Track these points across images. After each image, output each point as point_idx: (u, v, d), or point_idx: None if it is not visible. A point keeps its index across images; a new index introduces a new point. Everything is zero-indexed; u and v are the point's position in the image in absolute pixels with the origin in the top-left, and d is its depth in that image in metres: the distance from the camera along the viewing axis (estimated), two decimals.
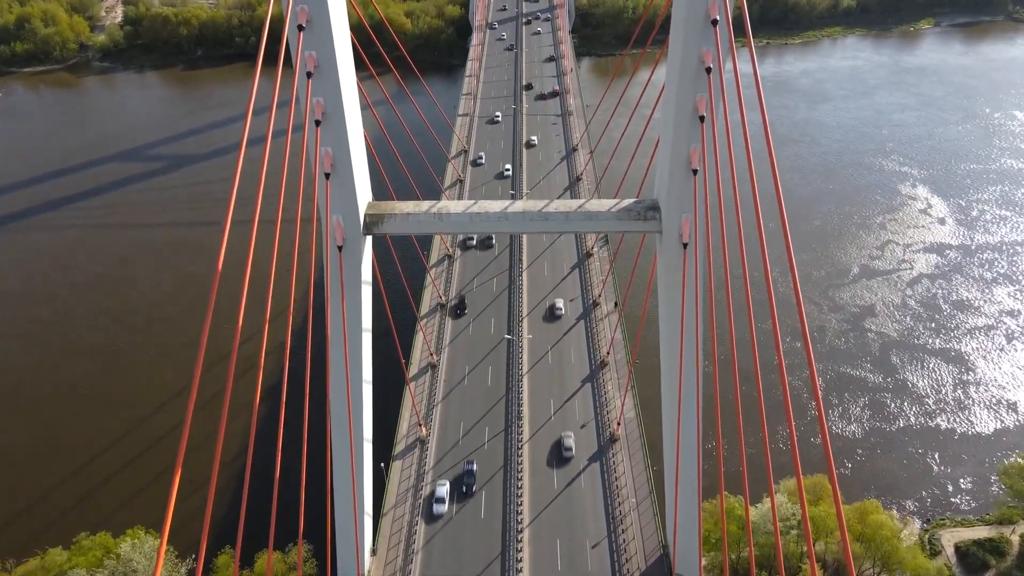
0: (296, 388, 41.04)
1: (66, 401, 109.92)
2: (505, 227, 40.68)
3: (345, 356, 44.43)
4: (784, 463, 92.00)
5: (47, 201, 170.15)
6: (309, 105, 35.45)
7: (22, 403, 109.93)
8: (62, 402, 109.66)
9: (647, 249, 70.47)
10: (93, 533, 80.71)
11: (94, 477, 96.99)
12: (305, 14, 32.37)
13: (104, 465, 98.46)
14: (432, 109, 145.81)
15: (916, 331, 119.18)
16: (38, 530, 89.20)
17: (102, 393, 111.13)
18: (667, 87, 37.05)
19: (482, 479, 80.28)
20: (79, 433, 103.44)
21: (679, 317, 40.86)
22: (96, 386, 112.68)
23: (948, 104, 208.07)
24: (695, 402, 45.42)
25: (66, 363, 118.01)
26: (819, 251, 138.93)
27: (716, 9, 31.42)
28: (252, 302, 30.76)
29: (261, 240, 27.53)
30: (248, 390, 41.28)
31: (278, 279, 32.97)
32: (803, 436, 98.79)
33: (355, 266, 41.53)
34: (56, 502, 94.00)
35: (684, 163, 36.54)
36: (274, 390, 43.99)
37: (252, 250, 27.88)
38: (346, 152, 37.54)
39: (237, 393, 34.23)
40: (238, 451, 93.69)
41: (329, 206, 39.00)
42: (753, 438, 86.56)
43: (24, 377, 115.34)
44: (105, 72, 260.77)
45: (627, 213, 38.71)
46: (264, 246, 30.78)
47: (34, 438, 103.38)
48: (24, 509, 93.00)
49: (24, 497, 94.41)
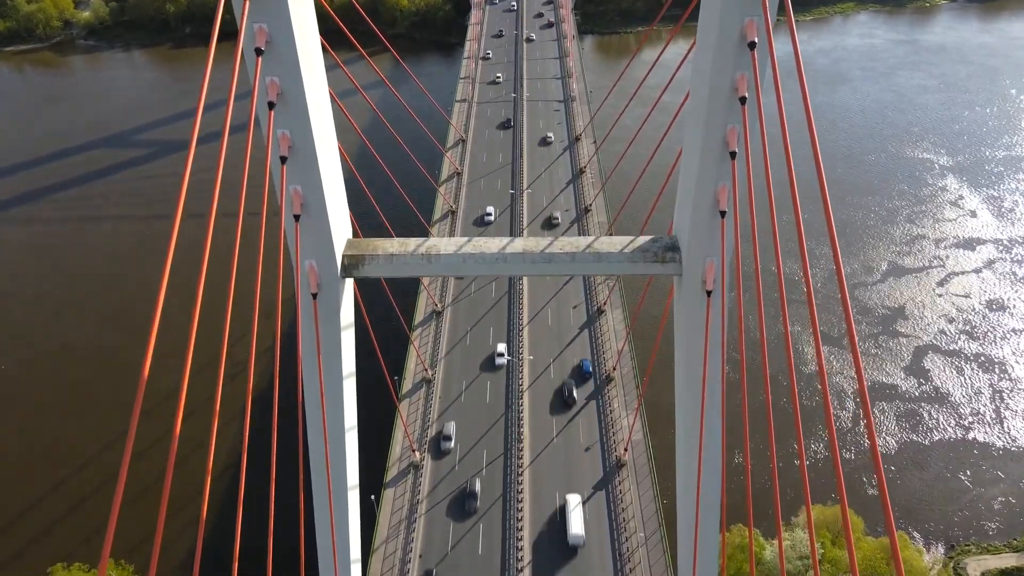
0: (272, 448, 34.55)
1: (45, 411, 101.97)
2: (503, 270, 33.95)
3: (323, 415, 38.36)
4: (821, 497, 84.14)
5: (28, 192, 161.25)
6: (272, 138, 28.53)
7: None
8: (42, 412, 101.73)
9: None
10: (68, 565, 74.46)
11: (69, 498, 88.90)
12: (264, 34, 26.15)
13: (82, 485, 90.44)
14: (432, 95, 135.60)
15: (949, 334, 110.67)
16: (5, 560, 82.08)
17: (80, 403, 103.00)
18: (690, 112, 30.36)
19: (480, 509, 74.27)
20: (53, 449, 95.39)
21: (699, 364, 35.45)
22: (80, 394, 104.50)
23: (972, 86, 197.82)
24: (718, 457, 39.37)
25: (61, 367, 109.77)
26: (844, 247, 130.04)
27: (754, 30, 25.35)
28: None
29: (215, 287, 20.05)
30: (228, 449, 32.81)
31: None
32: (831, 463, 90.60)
33: (333, 312, 35.17)
34: (30, 527, 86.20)
35: (709, 202, 30.92)
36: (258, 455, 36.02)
37: (197, 313, 19.99)
38: (318, 188, 30.80)
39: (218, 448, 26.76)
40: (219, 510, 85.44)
41: (299, 251, 32.60)
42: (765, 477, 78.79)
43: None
44: (90, 51, 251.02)
45: (642, 255, 33.17)
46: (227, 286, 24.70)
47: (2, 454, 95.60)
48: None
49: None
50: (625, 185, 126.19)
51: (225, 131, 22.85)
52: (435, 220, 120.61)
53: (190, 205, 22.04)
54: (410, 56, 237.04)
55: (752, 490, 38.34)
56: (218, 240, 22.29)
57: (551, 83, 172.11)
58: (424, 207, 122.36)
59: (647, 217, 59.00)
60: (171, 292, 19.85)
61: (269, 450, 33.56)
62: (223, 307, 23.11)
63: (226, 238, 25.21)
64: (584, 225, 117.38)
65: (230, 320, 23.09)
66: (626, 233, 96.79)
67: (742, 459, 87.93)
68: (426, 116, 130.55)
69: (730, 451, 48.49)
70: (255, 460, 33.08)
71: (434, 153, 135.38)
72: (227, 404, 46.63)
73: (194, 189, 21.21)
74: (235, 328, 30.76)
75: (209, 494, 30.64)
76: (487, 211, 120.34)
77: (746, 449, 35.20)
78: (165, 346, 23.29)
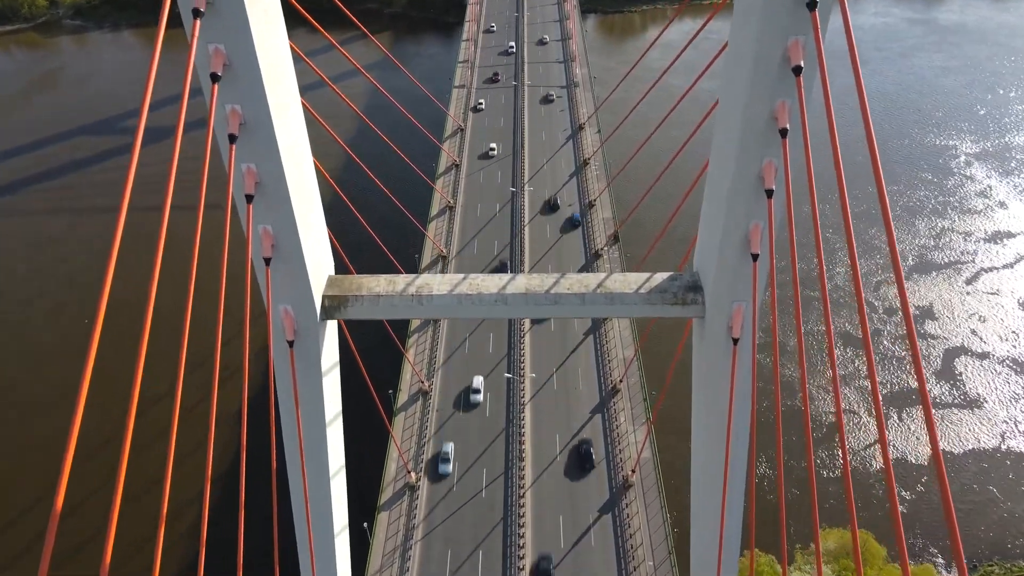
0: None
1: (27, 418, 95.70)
2: (503, 312, 30.33)
3: (303, 474, 34.15)
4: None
5: (13, 181, 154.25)
6: (234, 173, 24.42)
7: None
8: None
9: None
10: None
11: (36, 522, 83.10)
12: (222, 57, 21.92)
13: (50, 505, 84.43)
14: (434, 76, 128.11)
15: (981, 334, 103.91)
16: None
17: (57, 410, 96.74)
18: (719, 138, 26.19)
19: (478, 536, 69.17)
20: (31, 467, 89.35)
21: (719, 414, 32.27)
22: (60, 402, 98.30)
23: (995, 68, 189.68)
24: (739, 526, 36.17)
25: (56, 371, 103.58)
26: (867, 240, 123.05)
27: (799, 52, 21.17)
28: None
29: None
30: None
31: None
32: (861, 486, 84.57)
33: (312, 359, 31.36)
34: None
35: (739, 241, 27.29)
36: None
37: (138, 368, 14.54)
38: (291, 226, 26.65)
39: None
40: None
41: (270, 297, 28.60)
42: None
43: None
44: (77, 31, 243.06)
45: (660, 296, 29.41)
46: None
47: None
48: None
49: None
50: (630, 183, 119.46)
51: (173, 166, 18.12)
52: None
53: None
54: (408, 37, 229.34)
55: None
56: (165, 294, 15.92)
57: (553, 67, 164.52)
58: (419, 207, 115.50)
59: (650, 247, 52.39)
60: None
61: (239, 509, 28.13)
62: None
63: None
64: (589, 222, 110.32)
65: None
66: (631, 235, 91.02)
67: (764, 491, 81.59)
68: (423, 101, 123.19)
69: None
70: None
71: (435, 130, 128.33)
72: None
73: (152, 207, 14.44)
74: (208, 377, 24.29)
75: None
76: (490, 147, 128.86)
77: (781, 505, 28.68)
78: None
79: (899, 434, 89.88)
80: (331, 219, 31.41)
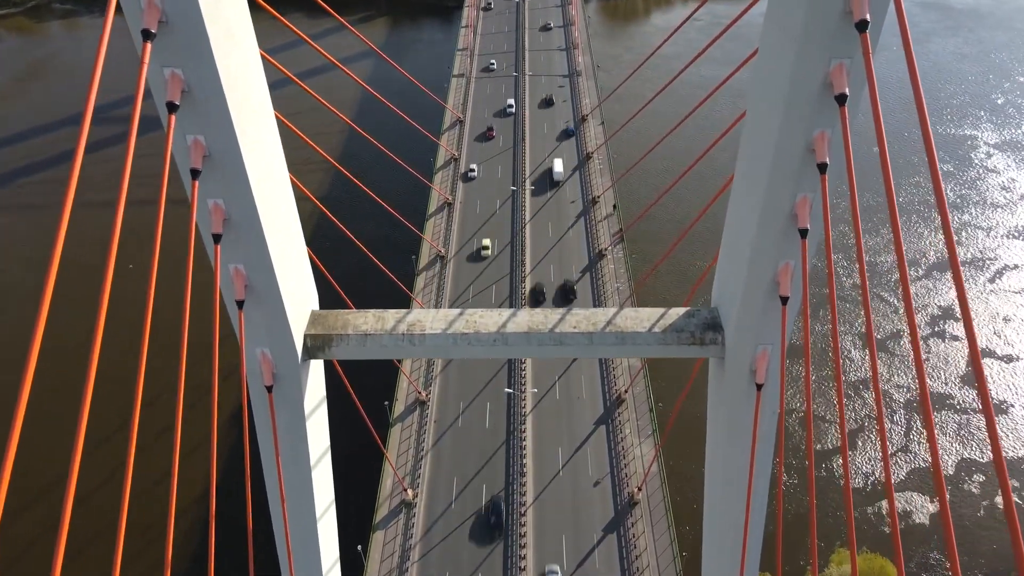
0: None
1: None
2: (502, 352, 27.68)
3: (285, 522, 30.58)
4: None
5: None
6: (198, 211, 21.15)
7: None
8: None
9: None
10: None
11: None
12: (180, 83, 18.62)
13: None
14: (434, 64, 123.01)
15: (1007, 336, 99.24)
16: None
17: None
18: (746, 167, 22.91)
19: (477, 556, 65.57)
20: None
21: (740, 461, 29.61)
22: None
23: (1014, 55, 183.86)
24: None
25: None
26: (884, 235, 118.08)
27: (843, 78, 18.03)
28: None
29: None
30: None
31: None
32: None
33: (294, 402, 28.03)
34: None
35: (767, 282, 24.15)
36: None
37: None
38: (267, 264, 23.59)
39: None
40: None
41: (244, 341, 25.51)
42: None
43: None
44: (68, 16, 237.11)
45: (676, 335, 26.68)
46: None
47: None
48: None
49: None
50: (634, 172, 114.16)
51: (119, 213, 15.79)
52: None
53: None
54: (407, 22, 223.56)
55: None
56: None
57: (555, 55, 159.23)
58: (418, 203, 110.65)
59: (655, 264, 47.55)
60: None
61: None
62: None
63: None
64: (591, 218, 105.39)
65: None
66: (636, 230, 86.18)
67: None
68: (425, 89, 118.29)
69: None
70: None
71: (434, 115, 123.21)
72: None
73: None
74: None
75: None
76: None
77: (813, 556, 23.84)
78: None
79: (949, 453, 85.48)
80: (316, 235, 26.66)
